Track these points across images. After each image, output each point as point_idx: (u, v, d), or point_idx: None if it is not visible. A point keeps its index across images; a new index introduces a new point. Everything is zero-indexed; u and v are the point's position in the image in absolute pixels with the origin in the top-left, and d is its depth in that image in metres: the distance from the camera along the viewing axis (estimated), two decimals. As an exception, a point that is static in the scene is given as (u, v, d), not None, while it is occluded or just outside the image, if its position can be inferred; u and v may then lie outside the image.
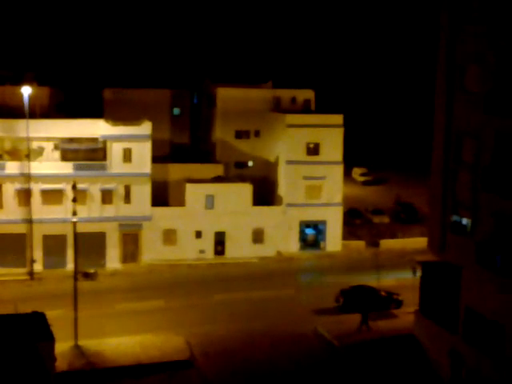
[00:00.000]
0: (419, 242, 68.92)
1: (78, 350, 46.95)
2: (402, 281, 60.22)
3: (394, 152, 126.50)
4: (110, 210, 67.49)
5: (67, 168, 66.05)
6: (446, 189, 43.90)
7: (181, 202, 70.77)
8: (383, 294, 55.40)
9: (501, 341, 38.36)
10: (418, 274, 49.74)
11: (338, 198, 74.23)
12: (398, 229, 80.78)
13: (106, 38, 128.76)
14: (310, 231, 74.10)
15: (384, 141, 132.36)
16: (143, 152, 67.88)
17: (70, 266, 61.99)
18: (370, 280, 59.04)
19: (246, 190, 71.49)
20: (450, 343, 43.24)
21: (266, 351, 47.87)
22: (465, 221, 42.30)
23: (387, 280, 60.50)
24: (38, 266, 65.15)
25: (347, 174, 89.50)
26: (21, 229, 65.23)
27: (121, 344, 48.14)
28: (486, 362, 39.64)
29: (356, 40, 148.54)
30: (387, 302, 54.99)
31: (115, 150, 67.18)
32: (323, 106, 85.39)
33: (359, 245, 75.04)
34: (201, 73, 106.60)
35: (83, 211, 64.15)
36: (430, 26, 51.59)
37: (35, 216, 65.31)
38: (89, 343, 47.80)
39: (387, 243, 74.49)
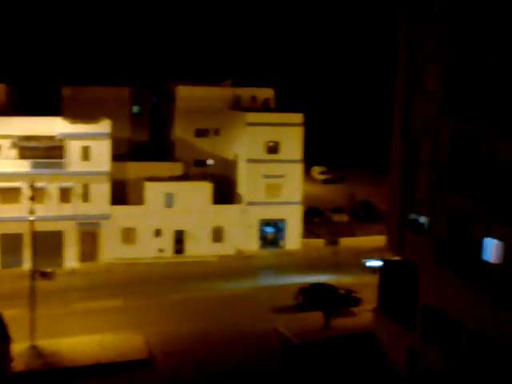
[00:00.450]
0: (378, 240, 69.46)
1: (35, 350, 46.40)
2: (361, 279, 60.68)
3: (354, 150, 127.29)
4: (68, 209, 66.89)
5: (25, 166, 65.26)
6: (404, 187, 44.27)
7: (140, 201, 70.38)
8: (342, 291, 55.70)
9: (458, 338, 38.81)
10: (377, 271, 50.10)
11: (298, 197, 74.48)
12: (357, 227, 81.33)
13: (65, 35, 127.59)
14: (269, 229, 74.27)
15: (343, 139, 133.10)
16: (102, 150, 67.39)
17: (27, 265, 61.25)
18: (329, 278, 59.37)
19: (205, 189, 71.36)
20: (408, 341, 43.62)
21: (225, 350, 47.83)
22: (423, 219, 42.70)
23: (346, 278, 60.87)
24: (-6, 266, 64.41)
25: (307, 173, 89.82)
26: (-23, 227, 64.41)
27: (79, 344, 47.70)
28: (444, 360, 40.07)
29: (316, 39, 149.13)
30: (346, 299, 55.29)
31: (74, 148, 66.58)
32: (283, 105, 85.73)
33: (318, 243, 75.38)
34: (161, 71, 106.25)
35: (41, 210, 63.28)
36: (390, 26, 52.02)
37: (-8, 214, 64.51)
38: (47, 343, 47.26)
39: (346, 241, 74.93)
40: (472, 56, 38.06)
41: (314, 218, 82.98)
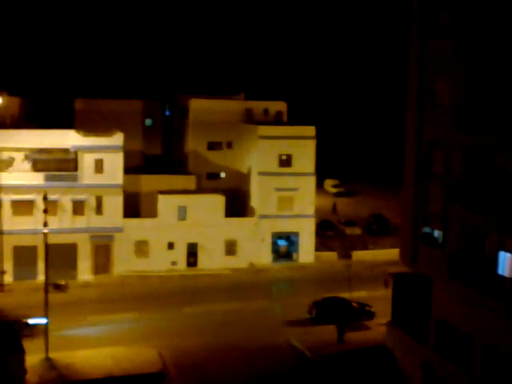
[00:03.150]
0: (391, 253, 69.26)
1: (49, 362, 46.44)
2: (374, 292, 60.46)
3: (366, 163, 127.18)
4: (81, 221, 67.08)
5: (38, 178, 65.57)
6: (417, 201, 44.17)
7: (153, 214, 70.51)
8: (355, 305, 55.48)
9: (471, 353, 38.60)
10: (390, 285, 49.94)
11: (311, 210, 74.38)
12: (370, 240, 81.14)
13: (78, 48, 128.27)
14: (282, 243, 74.15)
15: (356, 152, 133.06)
16: (115, 163, 67.61)
17: (40, 277, 61.45)
18: (343, 291, 59.17)
19: (218, 202, 71.41)
20: (422, 355, 43.42)
21: (238, 363, 47.66)
22: (436, 233, 42.57)
23: (359, 291, 60.67)
24: (8, 278, 64.53)
25: (319, 186, 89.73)
26: (-9, 240, 64.65)
27: (92, 356, 47.66)
28: (459, 374, 39.85)
29: (328, 52, 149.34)
30: (359, 313, 55.08)
31: (87, 161, 66.84)
32: (295, 118, 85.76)
33: (331, 256, 75.22)
34: (173, 84, 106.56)
35: (54, 222, 63.62)
36: (402, 39, 52.07)
37: (5, 227, 64.70)
38: (60, 356, 47.30)
39: (359, 255, 74.72)
40: (484, 70, 38.03)
41: (327, 231, 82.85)
